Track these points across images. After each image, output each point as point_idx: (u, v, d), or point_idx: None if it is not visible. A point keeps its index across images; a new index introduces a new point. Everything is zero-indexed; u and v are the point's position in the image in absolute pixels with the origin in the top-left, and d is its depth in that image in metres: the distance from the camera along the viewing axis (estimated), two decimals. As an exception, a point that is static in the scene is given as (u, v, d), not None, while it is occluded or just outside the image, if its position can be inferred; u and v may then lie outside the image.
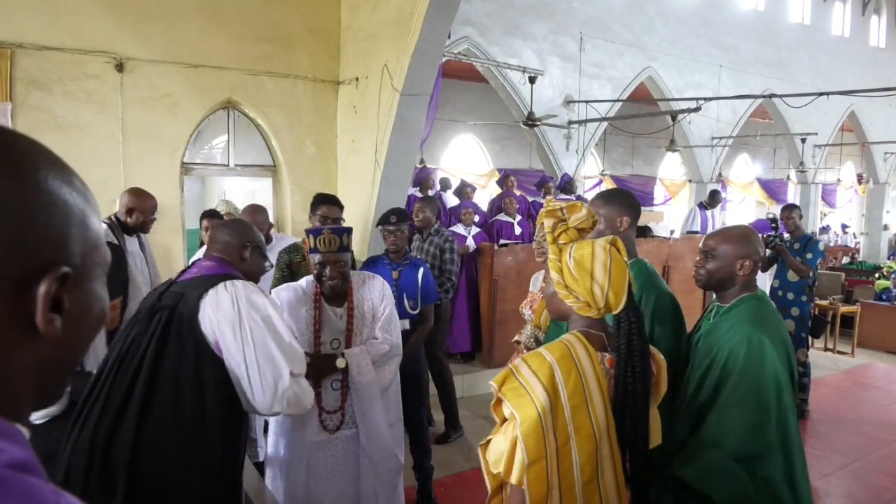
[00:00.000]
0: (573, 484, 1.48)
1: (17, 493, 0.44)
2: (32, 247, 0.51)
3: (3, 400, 0.51)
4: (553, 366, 1.50)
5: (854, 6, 15.15)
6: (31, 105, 4.86)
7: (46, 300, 0.51)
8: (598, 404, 1.51)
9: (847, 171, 18.00)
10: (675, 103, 9.91)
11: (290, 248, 3.47)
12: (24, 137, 0.54)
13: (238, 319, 1.71)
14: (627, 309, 1.56)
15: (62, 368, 0.58)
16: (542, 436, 1.44)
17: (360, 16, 5.86)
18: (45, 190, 0.52)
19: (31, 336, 0.52)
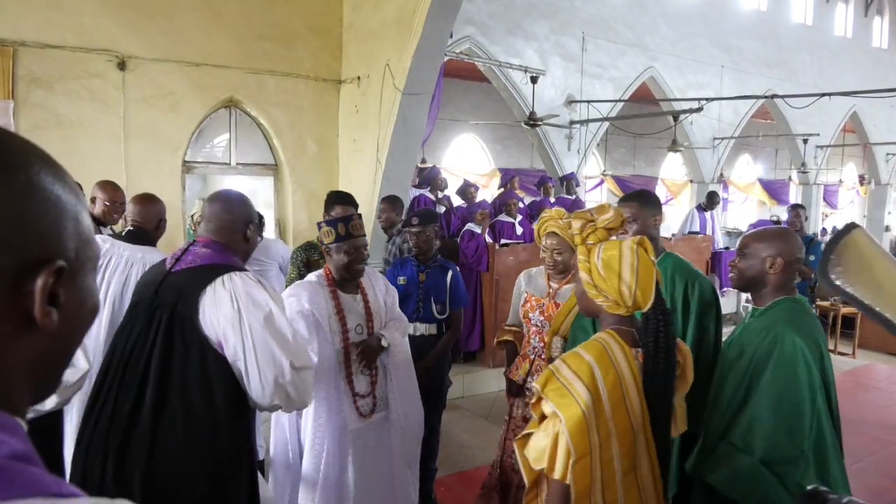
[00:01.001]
0: (614, 476, 1.53)
1: (19, 482, 0.44)
2: (28, 242, 0.52)
3: (2, 393, 0.52)
4: (592, 365, 1.55)
5: (856, 7, 15.13)
6: (33, 103, 4.86)
7: (44, 293, 0.52)
8: (635, 399, 1.56)
9: (849, 172, 17.98)
10: (677, 103, 9.91)
11: (305, 246, 3.46)
12: (15, 136, 0.55)
13: (238, 318, 1.68)
14: (655, 307, 1.60)
15: (58, 361, 0.58)
16: (586, 432, 1.49)
17: (362, 15, 5.86)
18: (38, 186, 0.53)
19: (28, 330, 0.52)
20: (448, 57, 6.60)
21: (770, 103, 11.44)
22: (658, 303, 1.61)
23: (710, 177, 11.90)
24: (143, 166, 5.27)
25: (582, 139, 9.55)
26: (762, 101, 11.25)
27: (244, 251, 1.96)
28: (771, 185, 15.95)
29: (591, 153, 10.14)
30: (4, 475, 0.44)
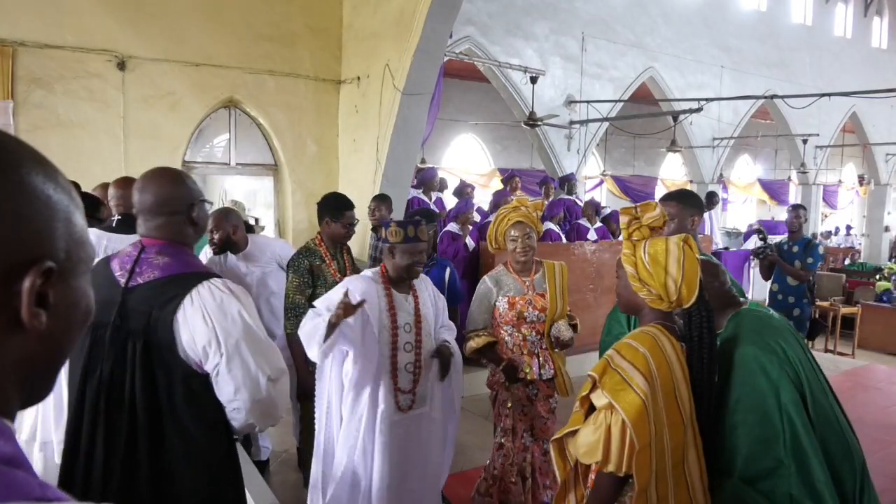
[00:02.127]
0: (665, 469, 1.56)
1: (3, 485, 0.44)
2: (16, 242, 0.51)
3: None
4: (647, 356, 1.57)
5: (856, 7, 15.13)
6: (33, 103, 4.86)
7: (31, 294, 0.52)
8: (684, 392, 1.60)
9: (848, 172, 17.99)
10: (677, 104, 9.91)
11: (305, 252, 3.26)
12: (6, 135, 0.54)
13: (213, 336, 1.57)
14: (699, 303, 1.64)
15: (48, 364, 0.58)
16: (647, 421, 1.51)
17: (361, 15, 5.86)
18: (28, 186, 0.52)
19: (15, 330, 0.52)
20: (448, 57, 6.60)
21: (770, 103, 11.44)
22: (701, 298, 1.65)
23: (710, 177, 11.91)
24: (143, 166, 5.23)
25: (582, 139, 9.56)
26: (762, 102, 11.26)
27: (194, 236, 1.79)
28: (770, 185, 15.96)
29: (590, 153, 10.15)
30: None
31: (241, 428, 1.72)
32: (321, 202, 3.34)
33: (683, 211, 2.56)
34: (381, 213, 4.70)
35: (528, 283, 3.04)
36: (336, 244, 3.35)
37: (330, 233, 3.29)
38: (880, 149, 15.47)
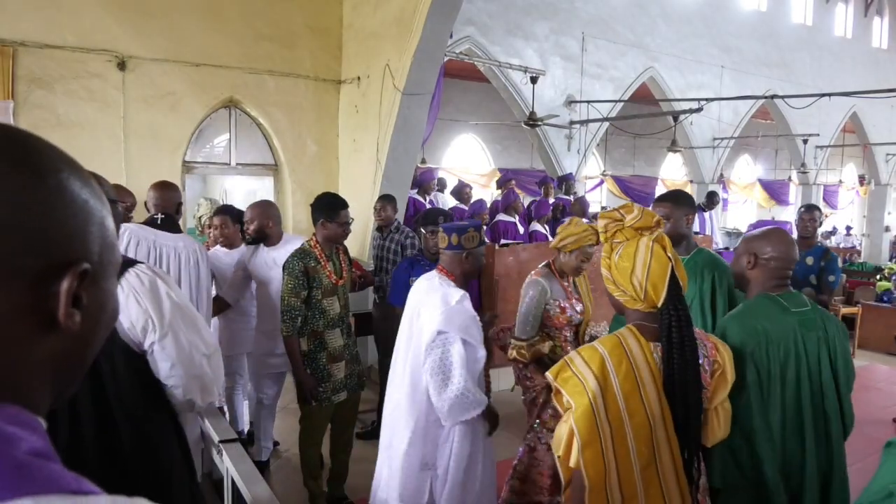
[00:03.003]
0: (631, 468, 1.57)
1: (41, 478, 0.45)
2: (55, 244, 0.53)
3: (22, 392, 0.53)
4: (604, 356, 1.60)
5: (856, 7, 15.13)
6: (33, 103, 4.87)
7: (69, 295, 0.53)
8: (651, 391, 1.60)
9: (848, 172, 17.98)
10: (677, 104, 9.90)
11: (299, 254, 3.23)
12: (44, 141, 0.56)
13: (149, 317, 1.64)
14: (668, 303, 1.64)
15: (77, 363, 0.59)
16: (594, 421, 1.55)
17: (362, 15, 5.86)
18: (66, 191, 0.54)
19: (49, 330, 0.53)
20: (448, 57, 6.60)
21: (770, 103, 11.44)
22: (671, 298, 1.64)
23: (710, 177, 11.91)
24: (143, 166, 5.27)
25: (582, 139, 9.56)
26: (762, 102, 11.26)
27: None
28: (771, 185, 15.95)
29: (590, 153, 10.15)
30: (26, 471, 0.45)
31: (182, 405, 1.75)
32: (315, 204, 3.32)
33: (677, 211, 2.65)
34: (386, 213, 4.71)
35: (568, 286, 3.06)
36: (332, 245, 3.32)
37: (326, 234, 3.25)
38: (880, 149, 15.46)
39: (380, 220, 4.74)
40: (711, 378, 1.73)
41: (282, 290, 3.19)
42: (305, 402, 3.25)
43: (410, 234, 4.64)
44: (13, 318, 0.51)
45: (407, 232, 4.67)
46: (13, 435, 0.48)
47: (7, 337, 0.51)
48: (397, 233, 4.65)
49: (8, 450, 0.46)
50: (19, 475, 0.45)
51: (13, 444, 0.47)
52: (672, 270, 1.65)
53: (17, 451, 0.46)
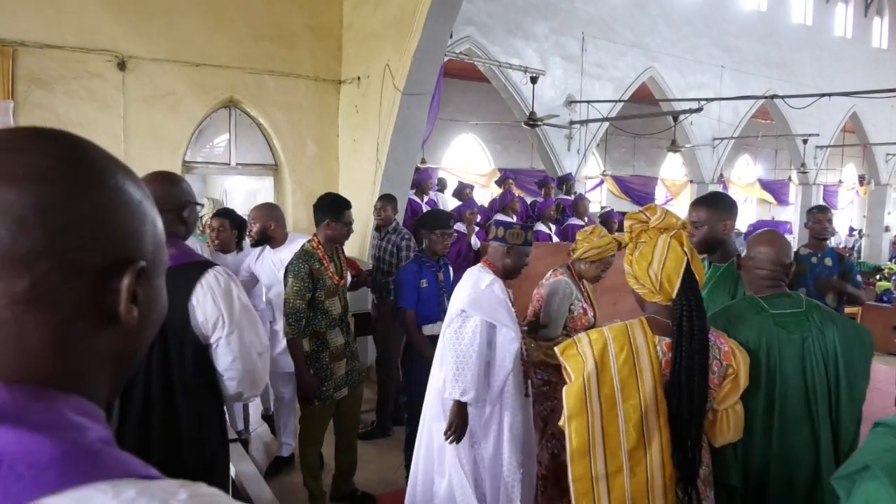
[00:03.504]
0: (619, 446, 1.70)
1: (113, 463, 0.48)
2: (115, 242, 0.56)
3: (86, 383, 0.55)
4: (608, 340, 1.73)
5: (856, 7, 15.13)
6: (33, 103, 4.86)
7: (129, 291, 0.56)
8: (648, 379, 1.70)
9: (848, 172, 17.98)
10: (677, 104, 9.90)
11: (303, 256, 3.20)
12: (98, 147, 0.60)
13: (220, 315, 1.82)
14: (681, 295, 1.72)
15: (133, 356, 0.62)
16: (583, 397, 1.71)
17: (362, 15, 5.86)
18: (123, 192, 0.58)
19: (110, 325, 0.56)
20: (448, 57, 6.60)
21: (770, 103, 11.44)
22: (686, 290, 1.72)
23: (710, 177, 11.91)
24: (143, 166, 5.24)
25: (582, 139, 9.55)
26: (762, 102, 11.26)
27: (185, 233, 2.04)
28: (771, 185, 15.96)
29: (590, 153, 10.14)
30: (100, 457, 0.48)
31: (231, 396, 1.92)
32: (319, 204, 3.31)
33: (713, 216, 2.46)
34: (386, 213, 4.72)
35: (584, 290, 3.16)
36: (333, 245, 3.32)
37: (331, 234, 3.26)
38: (880, 149, 15.47)
39: (379, 219, 4.74)
40: (722, 381, 1.77)
41: (286, 293, 3.16)
42: (307, 402, 3.25)
43: (407, 236, 4.63)
44: (78, 313, 0.54)
45: (404, 233, 4.66)
46: (81, 424, 0.51)
47: (73, 331, 0.54)
48: (394, 234, 4.65)
49: (79, 437, 0.49)
50: (94, 461, 0.47)
51: (83, 433, 0.50)
52: (687, 264, 1.72)
53: (88, 439, 0.49)
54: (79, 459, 0.47)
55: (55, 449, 0.46)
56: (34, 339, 0.52)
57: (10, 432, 0.46)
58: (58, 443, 0.47)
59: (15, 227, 0.50)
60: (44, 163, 0.53)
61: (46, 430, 0.47)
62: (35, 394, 0.51)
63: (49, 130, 0.57)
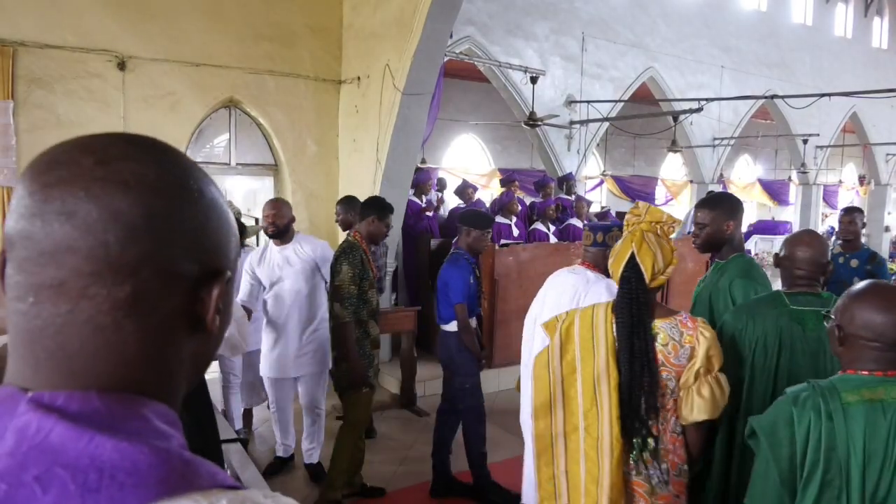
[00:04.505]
0: (577, 406, 2.02)
1: (205, 474, 0.49)
2: (209, 251, 0.57)
3: (169, 389, 0.56)
4: (576, 317, 2.09)
5: (856, 7, 15.12)
6: (33, 103, 4.87)
7: (218, 301, 0.57)
8: (602, 351, 2.01)
9: (849, 172, 17.98)
10: (677, 104, 9.90)
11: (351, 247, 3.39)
12: (188, 158, 0.60)
13: None
14: (622, 282, 2.02)
15: (206, 362, 0.64)
16: (546, 363, 2.08)
17: (362, 15, 5.86)
18: (216, 202, 0.59)
19: (194, 332, 0.57)
20: (448, 57, 6.59)
21: (770, 104, 11.44)
22: (625, 280, 2.00)
23: (710, 177, 11.90)
24: (143, 166, 5.27)
25: (582, 139, 9.55)
26: (762, 102, 11.25)
27: None
28: (771, 185, 15.96)
29: (591, 153, 10.14)
30: (192, 468, 0.49)
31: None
32: (368, 202, 3.60)
33: (716, 218, 2.56)
34: (344, 215, 4.66)
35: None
36: (371, 242, 3.55)
37: (373, 230, 3.50)
38: (880, 149, 15.46)
39: (339, 223, 4.70)
40: (687, 362, 1.94)
41: (341, 279, 3.30)
42: (354, 389, 3.37)
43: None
44: (172, 321, 0.55)
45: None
46: (167, 432, 0.52)
47: (166, 339, 0.55)
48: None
49: (168, 447, 0.49)
50: (186, 470, 0.48)
51: (170, 441, 0.51)
52: (631, 257, 1.99)
53: (174, 447, 0.50)
54: (175, 469, 0.47)
55: (154, 458, 0.47)
56: (131, 345, 0.52)
57: (108, 441, 0.47)
58: (156, 452, 0.48)
59: (124, 234, 0.51)
60: (151, 171, 0.53)
61: (142, 439, 0.48)
62: (126, 401, 0.51)
63: (141, 137, 0.57)
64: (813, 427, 1.48)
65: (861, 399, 1.47)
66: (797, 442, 1.50)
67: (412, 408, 5.18)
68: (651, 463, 1.99)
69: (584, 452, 1.99)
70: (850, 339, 1.54)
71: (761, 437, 1.57)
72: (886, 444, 1.43)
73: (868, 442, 1.44)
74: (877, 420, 1.44)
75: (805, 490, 1.49)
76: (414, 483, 3.93)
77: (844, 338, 1.55)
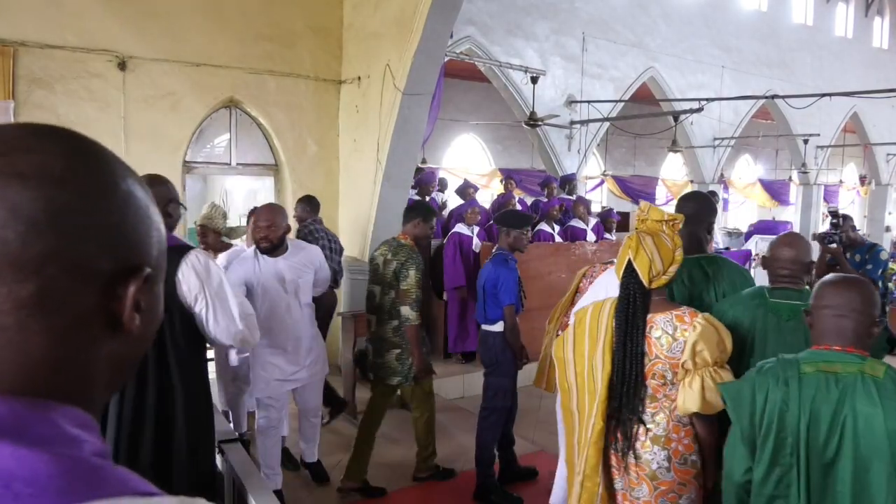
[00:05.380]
0: (584, 374, 2.26)
1: (113, 480, 0.47)
2: (125, 247, 0.54)
3: (83, 392, 0.53)
4: (589, 308, 2.32)
5: (857, 7, 15.12)
6: (34, 103, 4.87)
7: (134, 299, 0.54)
8: (600, 344, 2.21)
9: (849, 172, 17.97)
10: (678, 104, 9.90)
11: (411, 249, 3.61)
12: (108, 150, 0.57)
13: (202, 287, 2.27)
14: (622, 281, 2.17)
15: (130, 364, 0.61)
16: (562, 343, 2.38)
17: (362, 15, 5.86)
18: (135, 196, 0.56)
19: (111, 332, 0.54)
20: (448, 57, 6.59)
21: (770, 104, 11.44)
22: (624, 281, 2.15)
23: (711, 177, 11.90)
24: (144, 166, 5.24)
25: (582, 139, 9.55)
26: (762, 102, 11.25)
27: (170, 226, 2.48)
28: (771, 185, 15.94)
29: (591, 153, 10.14)
30: (99, 474, 0.46)
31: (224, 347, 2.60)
32: (414, 206, 3.89)
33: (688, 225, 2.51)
34: (297, 212, 4.95)
35: None
36: (418, 244, 3.76)
37: (419, 233, 3.72)
38: (881, 149, 15.46)
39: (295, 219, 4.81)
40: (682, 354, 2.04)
41: (410, 283, 3.51)
42: (424, 377, 3.71)
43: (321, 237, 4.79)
44: (83, 320, 0.52)
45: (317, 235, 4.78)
46: (78, 437, 0.49)
47: (76, 339, 0.52)
48: (310, 235, 4.71)
49: (77, 452, 0.47)
50: (94, 478, 0.46)
51: (80, 447, 0.48)
52: (629, 261, 2.12)
53: (84, 454, 0.47)
54: (79, 477, 0.45)
55: (55, 466, 0.45)
56: (37, 346, 0.50)
57: (7, 448, 0.44)
58: (57, 459, 0.45)
59: (25, 229, 0.48)
60: (57, 163, 0.51)
61: (45, 446, 0.46)
62: (33, 406, 0.48)
63: (57, 129, 0.54)
64: (771, 391, 1.71)
65: (817, 370, 1.67)
66: (756, 404, 1.73)
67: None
68: (649, 449, 2.08)
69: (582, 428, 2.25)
70: (812, 312, 1.76)
71: (727, 400, 1.86)
72: (834, 412, 1.62)
73: (818, 406, 1.64)
74: (828, 388, 1.64)
75: (763, 446, 1.73)
76: (414, 483, 3.94)
77: (809, 314, 1.77)
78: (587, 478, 2.17)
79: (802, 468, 1.65)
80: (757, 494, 1.75)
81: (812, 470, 1.65)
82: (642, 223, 2.22)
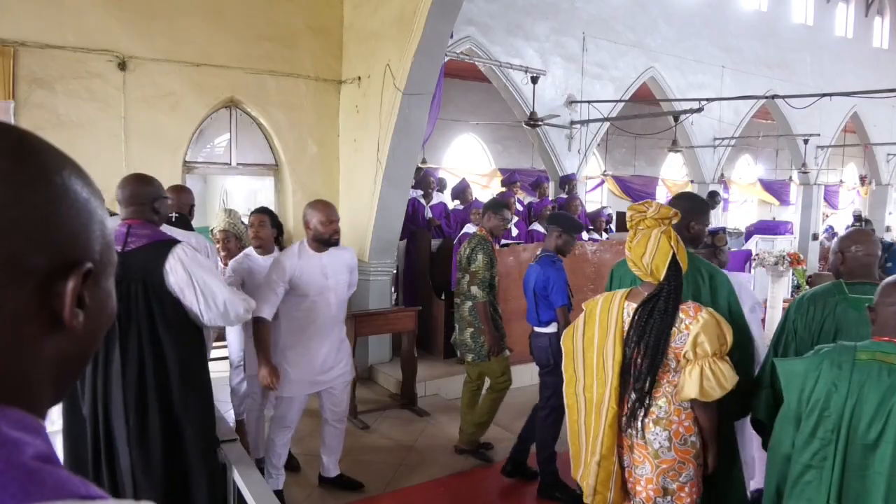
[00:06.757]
0: (592, 364, 2.37)
1: (51, 484, 0.45)
2: (60, 243, 0.52)
3: (26, 394, 0.52)
4: (600, 300, 2.42)
5: (857, 7, 15.11)
6: (34, 103, 4.87)
7: (74, 295, 0.53)
8: (611, 332, 2.32)
9: (849, 172, 17.95)
10: (678, 104, 9.89)
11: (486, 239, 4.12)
12: (44, 140, 0.56)
13: (189, 277, 2.39)
14: (666, 280, 2.18)
15: (77, 363, 0.59)
16: (571, 333, 2.49)
17: (362, 15, 5.86)
18: (70, 190, 0.54)
19: (53, 331, 0.53)
20: (448, 57, 6.59)
21: (770, 104, 11.43)
22: (669, 277, 2.17)
23: (711, 177, 11.89)
24: (144, 166, 5.25)
25: (582, 139, 9.55)
26: (763, 102, 11.24)
27: (158, 220, 2.60)
28: (771, 185, 15.94)
29: (591, 153, 10.13)
30: (35, 477, 0.45)
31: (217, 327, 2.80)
32: (488, 204, 4.39)
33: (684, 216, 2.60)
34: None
35: None
36: (493, 235, 4.19)
37: (493, 225, 4.17)
38: (881, 149, 15.44)
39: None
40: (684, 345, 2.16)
41: (478, 266, 4.03)
42: (496, 354, 4.09)
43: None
44: (21, 318, 0.51)
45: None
46: (18, 440, 0.47)
47: (14, 338, 0.51)
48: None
49: (15, 455, 0.45)
50: (29, 481, 0.44)
51: (20, 450, 0.46)
52: (673, 255, 2.16)
53: (24, 457, 0.46)
54: (13, 480, 0.44)
55: None
56: None
57: None
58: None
59: None
60: None
61: None
62: None
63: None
64: (823, 373, 1.81)
65: (872, 358, 1.76)
66: (807, 382, 1.84)
67: (413, 408, 5.18)
68: (652, 430, 2.23)
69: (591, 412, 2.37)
70: (875, 308, 1.85)
71: (780, 373, 1.97)
72: (882, 398, 1.71)
73: (866, 392, 1.73)
74: (880, 376, 1.73)
75: (807, 419, 1.85)
76: (414, 483, 3.94)
77: (872, 310, 1.86)
78: (604, 458, 2.31)
79: (840, 446, 1.76)
80: (795, 461, 1.88)
81: (852, 449, 1.75)
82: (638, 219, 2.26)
